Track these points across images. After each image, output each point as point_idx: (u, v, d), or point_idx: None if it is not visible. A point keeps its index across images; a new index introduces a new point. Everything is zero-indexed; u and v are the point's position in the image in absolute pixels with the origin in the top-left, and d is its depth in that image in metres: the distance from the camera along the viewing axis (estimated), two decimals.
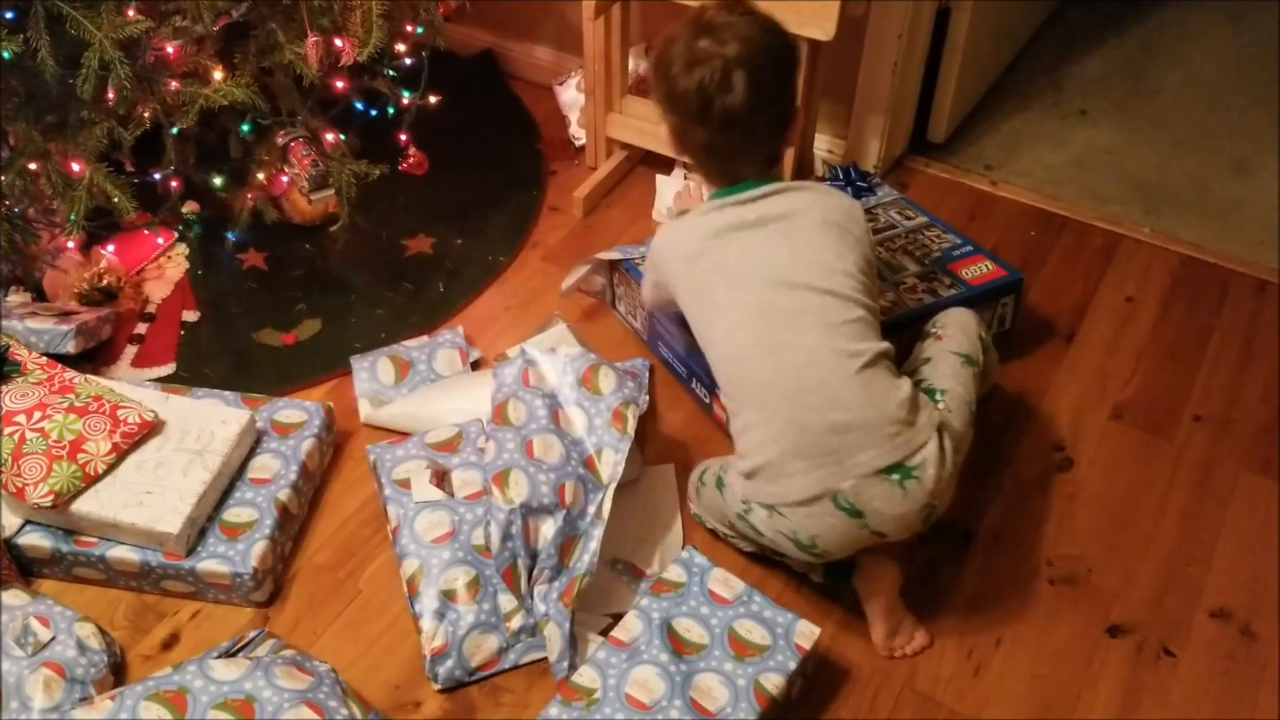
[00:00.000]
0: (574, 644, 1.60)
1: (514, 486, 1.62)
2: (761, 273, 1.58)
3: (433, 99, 2.17)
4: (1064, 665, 1.64)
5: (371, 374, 2.00)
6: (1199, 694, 1.61)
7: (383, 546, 1.79)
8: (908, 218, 2.19)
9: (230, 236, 2.21)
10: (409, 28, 2.04)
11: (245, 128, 1.94)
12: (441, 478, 1.76)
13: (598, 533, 1.64)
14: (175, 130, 1.83)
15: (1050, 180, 2.55)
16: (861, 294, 1.58)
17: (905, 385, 1.54)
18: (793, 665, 1.50)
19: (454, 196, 2.45)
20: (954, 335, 1.72)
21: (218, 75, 1.76)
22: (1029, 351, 2.10)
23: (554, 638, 1.60)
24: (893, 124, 2.46)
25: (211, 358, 2.09)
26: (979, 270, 2.03)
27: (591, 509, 1.66)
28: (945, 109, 2.58)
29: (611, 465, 1.69)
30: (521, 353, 1.79)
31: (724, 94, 1.54)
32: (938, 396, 1.61)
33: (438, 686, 1.60)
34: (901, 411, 1.51)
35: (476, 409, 1.85)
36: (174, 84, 1.75)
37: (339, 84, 1.96)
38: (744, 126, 1.58)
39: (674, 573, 1.61)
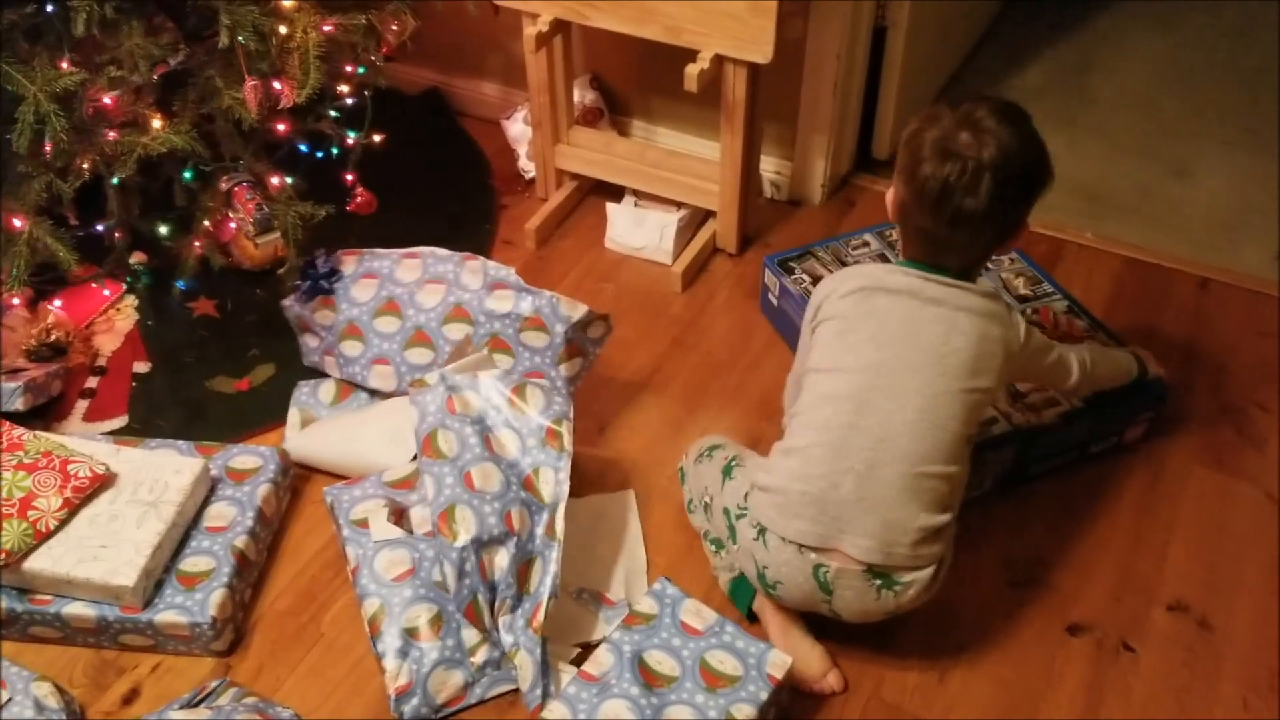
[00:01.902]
0: (546, 672, 1.60)
1: (461, 523, 1.62)
2: (910, 340, 1.54)
3: (377, 138, 2.17)
4: (1027, 666, 1.65)
5: (312, 392, 2.03)
6: (1160, 687, 1.62)
7: (344, 588, 1.78)
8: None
9: (180, 285, 2.20)
10: (349, 68, 2.04)
11: (188, 175, 1.94)
12: (400, 515, 1.75)
13: (553, 554, 1.63)
14: (116, 181, 1.82)
15: None
16: (967, 415, 1.54)
17: (940, 519, 1.53)
18: (764, 695, 1.50)
19: (406, 234, 2.43)
20: None
21: (156, 124, 1.76)
22: None
23: (525, 666, 1.59)
24: (837, 143, 2.49)
25: (165, 408, 2.07)
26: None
27: (539, 530, 1.66)
28: (888, 126, 2.62)
29: (553, 484, 1.69)
30: (442, 379, 1.79)
31: (966, 195, 1.48)
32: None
33: None
34: (918, 535, 1.51)
35: (395, 442, 1.85)
36: (112, 134, 1.75)
37: (281, 127, 1.96)
38: (969, 230, 1.52)
39: (646, 605, 1.61)
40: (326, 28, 1.87)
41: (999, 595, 1.74)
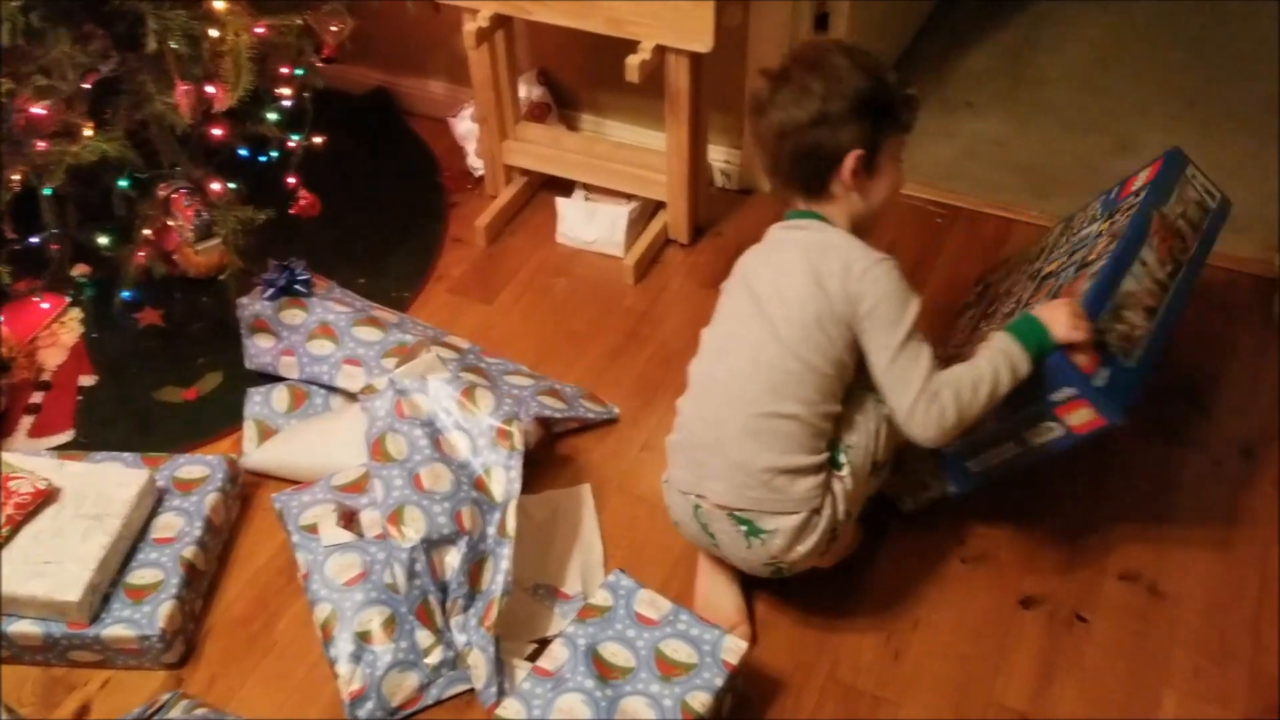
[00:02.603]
0: (501, 669, 1.59)
1: (410, 523, 1.61)
2: (751, 286, 1.60)
3: (318, 140, 2.15)
4: (981, 641, 1.66)
5: (265, 400, 2.00)
6: (1113, 656, 1.63)
7: (297, 595, 1.76)
8: None
9: (124, 296, 2.17)
10: (285, 70, 2.02)
11: (123, 183, 1.91)
12: (350, 519, 1.74)
13: (506, 551, 1.63)
14: (48, 191, 1.80)
15: (942, 174, 2.59)
16: (806, 348, 1.52)
17: (793, 459, 1.51)
18: (720, 682, 1.50)
19: (355, 236, 2.44)
20: None
21: (87, 132, 1.74)
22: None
23: (479, 664, 1.58)
24: None
25: (112, 421, 2.05)
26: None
27: (491, 529, 1.66)
28: None
29: (505, 483, 1.68)
30: (390, 384, 1.78)
31: (759, 115, 1.58)
32: (841, 459, 1.56)
33: None
34: (766, 476, 1.52)
35: (357, 448, 1.83)
36: (41, 144, 1.72)
37: (217, 131, 1.94)
38: (779, 152, 1.58)
39: (600, 597, 1.61)
40: (259, 30, 1.85)
41: (952, 571, 1.75)
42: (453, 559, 1.62)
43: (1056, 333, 1.53)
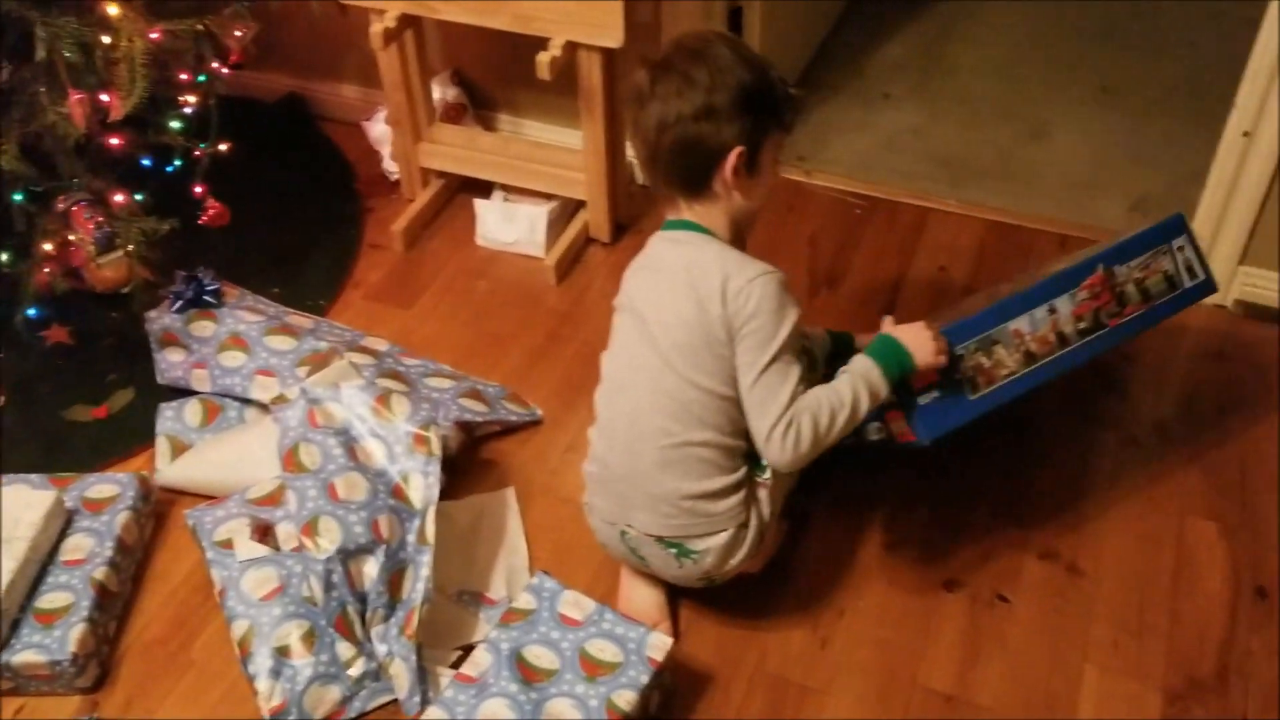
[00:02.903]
0: (424, 678, 1.56)
1: (325, 534, 1.58)
2: (639, 311, 1.55)
3: (223, 147, 2.11)
4: (906, 625, 1.67)
5: (177, 415, 1.96)
6: (1034, 634, 1.65)
7: (215, 613, 1.72)
8: None
9: (29, 314, 2.11)
10: (184, 76, 1.98)
11: (18, 197, 1.86)
12: (265, 532, 1.70)
13: (425, 559, 1.60)
14: None
15: (860, 164, 2.61)
16: (700, 374, 1.49)
17: (713, 482, 1.51)
18: (645, 679, 1.49)
19: (269, 245, 2.40)
20: None
21: None
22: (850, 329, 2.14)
23: (401, 674, 1.56)
24: None
25: (19, 443, 1.99)
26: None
27: (411, 537, 1.63)
28: None
29: (423, 489, 1.66)
30: (303, 393, 1.75)
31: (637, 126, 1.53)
32: (763, 463, 1.54)
33: None
34: (691, 503, 1.51)
35: (272, 460, 1.80)
36: None
37: (115, 141, 1.89)
38: (656, 163, 1.53)
39: (524, 600, 1.59)
40: (154, 35, 1.81)
41: (876, 558, 1.76)
42: (371, 569, 1.59)
43: (919, 358, 1.53)
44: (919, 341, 1.53)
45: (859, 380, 1.51)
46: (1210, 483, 1.85)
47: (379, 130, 2.57)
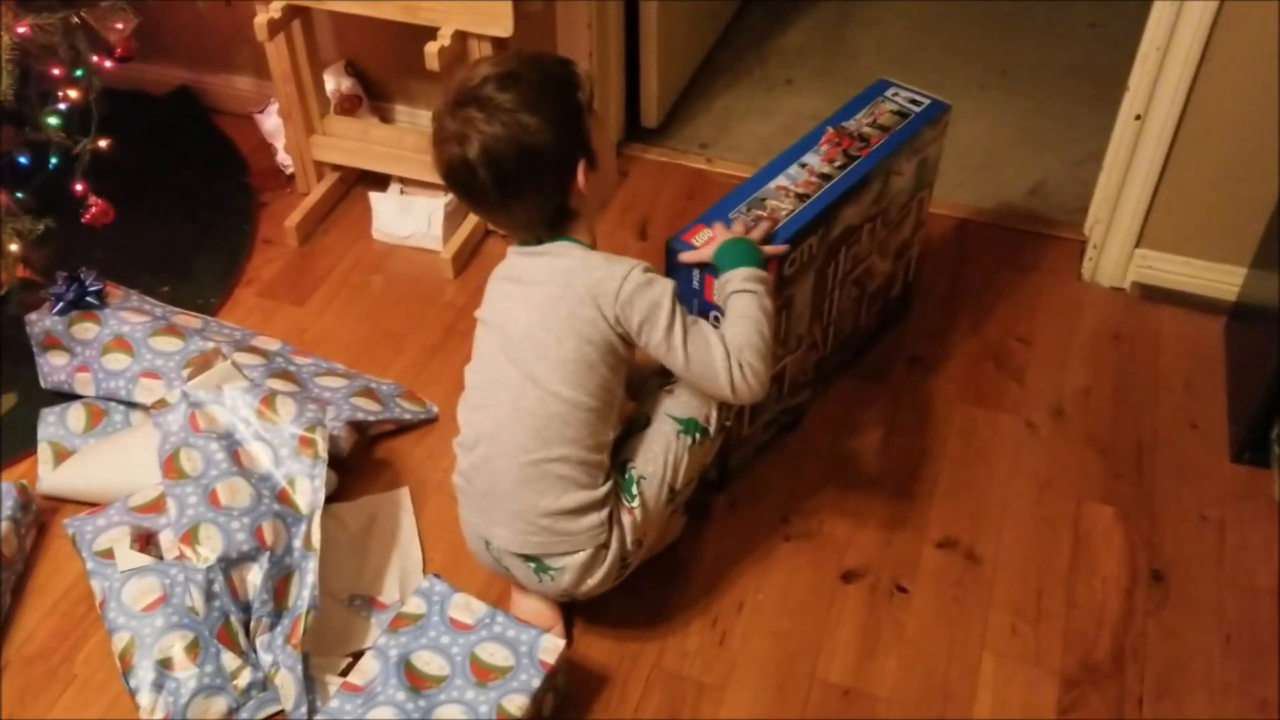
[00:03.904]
0: (311, 687, 1.52)
1: (206, 542, 1.53)
2: (503, 326, 1.51)
3: (103, 143, 2.02)
4: (805, 617, 1.66)
5: (60, 420, 1.89)
6: (932, 622, 1.65)
7: (98, 625, 1.66)
8: None
9: None
10: (57, 71, 1.90)
11: None
12: (147, 540, 1.64)
13: (311, 565, 1.56)
14: None
15: (763, 151, 2.59)
16: (566, 386, 1.45)
17: (572, 498, 1.48)
18: (537, 683, 1.46)
19: (158, 243, 2.32)
20: (682, 390, 1.56)
21: None
22: None
23: (286, 684, 1.51)
24: (602, 114, 2.45)
25: None
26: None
27: (297, 543, 1.59)
28: (653, 94, 2.60)
29: (310, 493, 1.62)
30: (184, 396, 1.69)
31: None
32: (633, 490, 1.52)
33: None
34: (548, 521, 1.49)
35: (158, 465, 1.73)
36: None
37: None
38: (500, 213, 1.50)
39: (413, 605, 1.55)
40: (21, 30, 1.73)
41: (775, 551, 1.75)
42: (254, 576, 1.54)
43: (744, 238, 1.56)
44: (733, 234, 1.56)
45: (746, 284, 1.51)
46: (1107, 466, 1.87)
47: (272, 123, 2.50)
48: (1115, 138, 2.09)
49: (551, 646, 1.49)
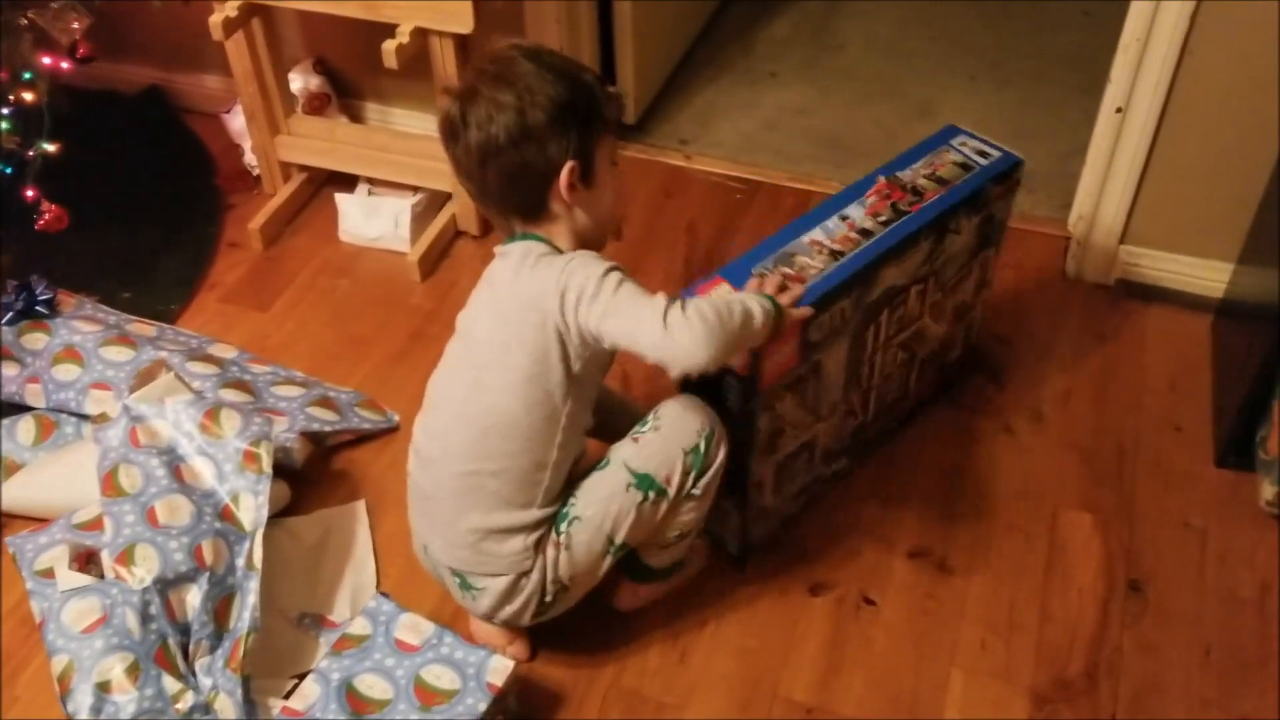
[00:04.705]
0: (253, 711, 1.47)
1: (142, 563, 1.48)
2: (469, 330, 1.47)
3: (50, 148, 1.97)
4: (770, 634, 1.61)
5: (9, 433, 1.84)
6: (901, 638, 1.60)
7: (39, 647, 1.61)
8: None
9: None
10: (1, 75, 1.85)
11: None
12: (87, 559, 1.60)
13: (253, 585, 1.51)
14: None
15: (744, 147, 2.54)
16: (509, 396, 1.39)
17: (501, 517, 1.41)
18: (483, 706, 1.40)
19: (120, 247, 2.28)
20: (647, 443, 1.45)
21: None
22: None
23: (226, 709, 1.47)
24: None
25: None
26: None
27: (240, 561, 1.54)
28: (630, 90, 2.54)
29: (254, 510, 1.57)
30: (125, 410, 1.64)
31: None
32: (562, 527, 1.44)
33: None
34: (473, 536, 1.44)
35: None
36: None
37: None
38: (475, 182, 1.41)
39: (358, 626, 1.50)
40: None
41: (742, 568, 1.69)
42: (193, 597, 1.50)
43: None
44: (752, 286, 1.47)
45: (749, 299, 1.38)
46: (1087, 472, 1.81)
47: (240, 123, 2.45)
48: (1098, 131, 2.03)
49: (500, 668, 1.44)
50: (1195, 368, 1.97)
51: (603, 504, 1.44)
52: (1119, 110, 1.96)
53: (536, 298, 1.37)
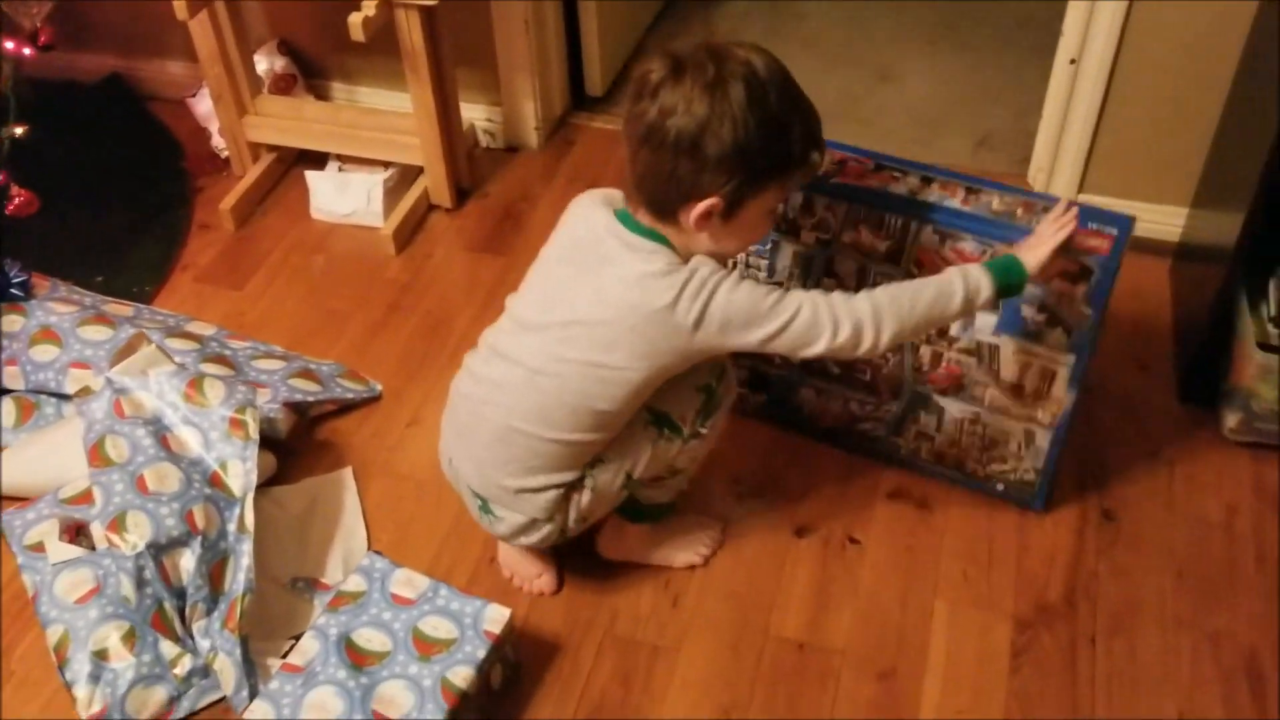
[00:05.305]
0: (251, 671, 1.49)
1: (134, 529, 1.49)
2: (556, 295, 1.42)
3: (19, 131, 1.97)
4: (758, 575, 1.64)
5: None
6: (886, 574, 1.64)
7: (34, 620, 1.62)
8: None
9: None
10: None
11: None
12: (77, 532, 1.60)
13: (246, 548, 1.52)
14: None
15: None
16: (590, 388, 1.37)
17: (535, 480, 1.43)
18: (482, 654, 1.42)
19: (91, 232, 2.27)
20: (667, 386, 1.44)
21: None
22: None
23: (226, 669, 1.48)
24: (543, 83, 2.42)
25: None
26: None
27: (231, 526, 1.55)
28: (596, 61, 2.56)
29: (242, 476, 1.58)
30: (108, 383, 1.65)
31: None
32: (589, 473, 1.46)
33: None
34: (503, 491, 1.46)
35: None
36: None
37: None
38: (634, 145, 1.34)
39: (353, 582, 1.51)
40: None
41: (728, 511, 1.72)
42: (187, 562, 1.51)
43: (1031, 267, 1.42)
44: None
45: (973, 275, 1.38)
46: None
47: (205, 107, 2.45)
48: (1053, 84, 2.08)
49: (497, 617, 1.46)
50: (1156, 309, 2.02)
51: (623, 443, 1.45)
52: (1073, 62, 2.01)
53: (669, 328, 1.33)
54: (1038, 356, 1.57)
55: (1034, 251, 1.44)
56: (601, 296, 1.36)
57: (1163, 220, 2.09)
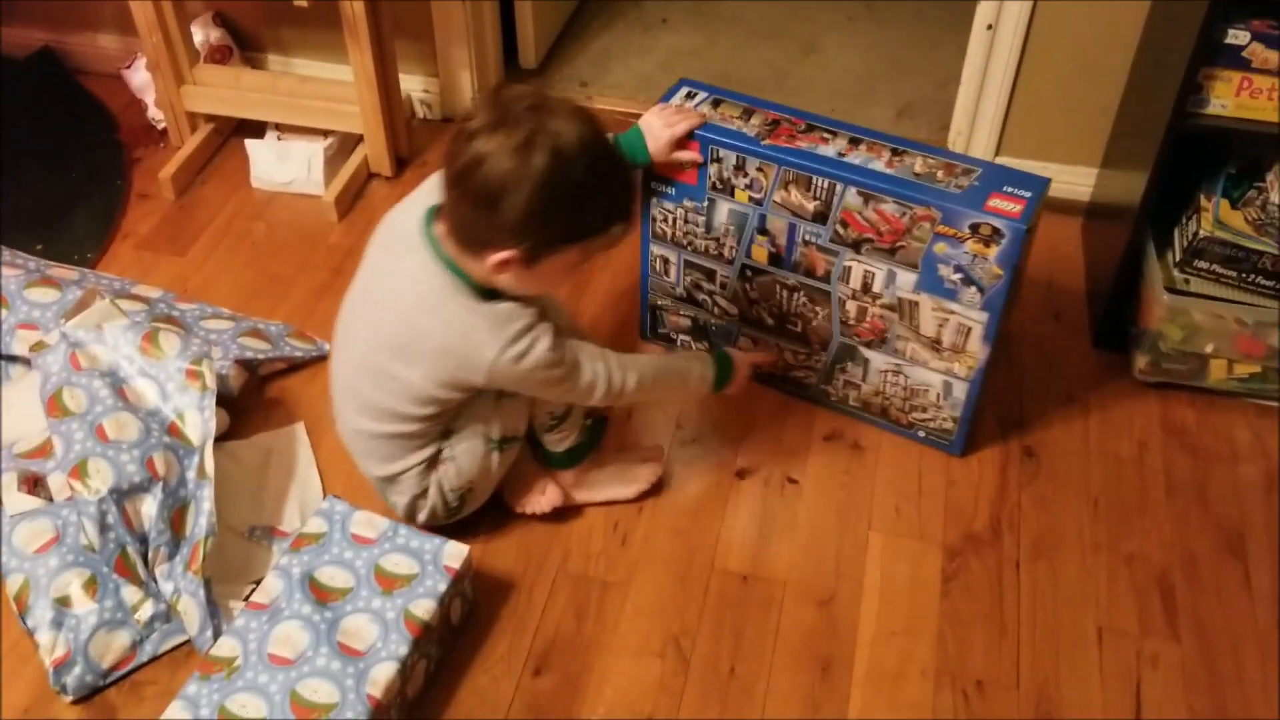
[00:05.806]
0: (215, 612, 1.52)
1: (95, 475, 1.52)
2: (378, 282, 1.52)
3: None
4: (702, 514, 1.72)
5: None
6: (823, 511, 1.72)
7: None
8: None
9: None
10: None
11: None
12: (34, 483, 1.62)
13: (206, 493, 1.56)
14: None
15: (641, 87, 2.64)
16: (390, 395, 1.49)
17: (392, 466, 1.55)
18: (443, 587, 1.48)
19: (26, 204, 2.27)
20: None
21: None
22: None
23: (190, 610, 1.51)
24: (479, 55, 2.47)
25: None
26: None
27: (190, 474, 1.58)
28: (530, 34, 2.62)
29: (200, 425, 1.61)
30: (63, 337, 1.67)
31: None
32: (444, 452, 1.56)
33: (69, 698, 1.49)
34: (378, 482, 1.60)
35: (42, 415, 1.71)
36: None
37: None
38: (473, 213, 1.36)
39: (314, 525, 1.56)
40: None
41: (673, 454, 1.80)
42: (149, 507, 1.54)
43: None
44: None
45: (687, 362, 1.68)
46: None
47: (141, 78, 2.45)
48: (971, 50, 2.18)
49: (455, 553, 1.52)
50: (1069, 264, 2.14)
51: (470, 411, 1.52)
52: (989, 27, 2.12)
53: (461, 360, 1.42)
54: (954, 314, 1.65)
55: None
56: (397, 301, 1.45)
57: (1075, 180, 2.21)
